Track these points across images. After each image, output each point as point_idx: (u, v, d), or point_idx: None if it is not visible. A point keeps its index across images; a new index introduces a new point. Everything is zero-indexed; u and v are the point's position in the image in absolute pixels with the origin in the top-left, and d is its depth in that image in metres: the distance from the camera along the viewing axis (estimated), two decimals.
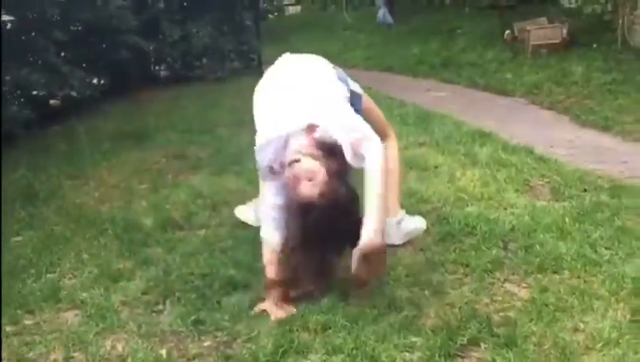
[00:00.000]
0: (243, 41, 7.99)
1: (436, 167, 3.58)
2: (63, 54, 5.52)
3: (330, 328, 2.00)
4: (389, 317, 2.05)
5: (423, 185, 3.25)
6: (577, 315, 2.03)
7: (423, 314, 2.06)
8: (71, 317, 2.23)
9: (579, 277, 2.28)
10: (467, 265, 2.40)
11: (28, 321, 2.21)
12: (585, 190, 3.24)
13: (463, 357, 1.88)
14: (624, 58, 6.70)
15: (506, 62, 7.80)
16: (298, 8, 16.92)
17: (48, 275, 2.55)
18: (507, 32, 8.72)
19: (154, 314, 2.20)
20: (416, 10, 12.56)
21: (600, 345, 1.86)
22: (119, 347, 2.02)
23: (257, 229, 2.36)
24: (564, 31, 7.93)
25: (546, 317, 2.03)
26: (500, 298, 2.18)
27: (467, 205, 3.00)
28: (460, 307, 2.09)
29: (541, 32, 8.07)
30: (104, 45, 6.26)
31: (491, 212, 2.87)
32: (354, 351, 1.87)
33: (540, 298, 2.13)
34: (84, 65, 5.89)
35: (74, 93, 5.65)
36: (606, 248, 2.47)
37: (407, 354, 1.87)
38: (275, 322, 2.07)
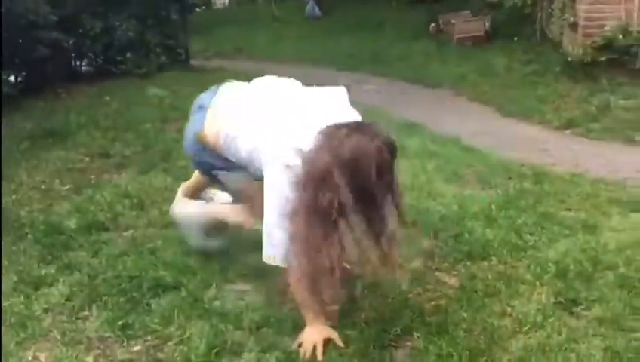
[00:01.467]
0: (169, 34, 7.79)
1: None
2: None
3: (263, 326, 1.97)
4: None
5: None
6: (505, 300, 2.09)
7: (356, 307, 2.07)
8: None
9: (505, 263, 2.35)
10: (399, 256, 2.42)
11: None
12: (510, 178, 3.36)
13: (396, 347, 1.89)
14: (543, 50, 7.00)
15: (433, 55, 8.00)
16: (226, 1, 16.68)
17: None
18: (432, 24, 8.92)
19: (79, 321, 2.10)
20: (344, 4, 12.64)
21: (526, 328, 1.93)
22: (42, 357, 1.91)
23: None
24: (487, 24, 8.21)
25: (475, 303, 2.08)
26: (432, 287, 2.22)
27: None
28: (393, 298, 2.11)
29: (465, 25, 8.32)
30: (20, 41, 5.94)
31: (422, 202, 2.92)
32: (289, 348, 1.85)
33: (469, 285, 2.18)
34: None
35: None
36: (530, 234, 2.57)
37: (342, 348, 1.87)
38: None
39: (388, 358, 1.82)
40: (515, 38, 7.79)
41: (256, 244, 2.45)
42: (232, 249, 2.52)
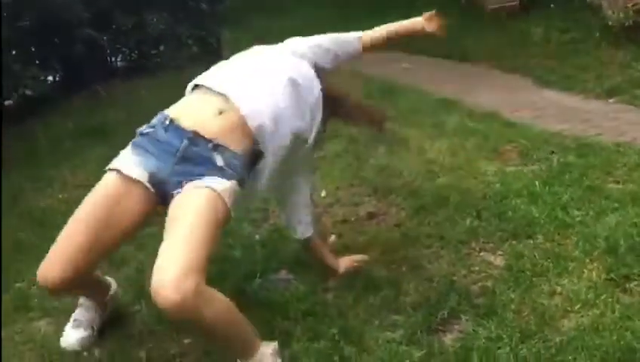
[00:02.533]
0: (201, 26, 7.82)
1: (404, 141, 3.56)
2: (13, 53, 5.33)
3: (310, 314, 1.98)
4: (369, 298, 2.04)
5: (393, 160, 3.23)
6: (554, 279, 2.05)
7: (402, 292, 2.06)
8: (44, 325, 2.17)
9: (552, 240, 2.30)
10: (442, 238, 2.40)
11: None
12: (552, 152, 3.26)
13: (444, 331, 1.88)
14: (581, 16, 6.75)
15: (466, 28, 7.79)
16: None
17: (17, 284, 2.47)
18: None
19: (130, 315, 2.15)
20: None
21: (578, 306, 1.88)
22: (96, 352, 1.97)
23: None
24: None
25: (523, 283, 2.04)
26: (477, 268, 2.19)
27: (438, 176, 3.00)
28: (439, 281, 2.09)
29: None
30: (56, 40, 6.06)
31: (462, 182, 2.87)
32: (337, 336, 1.85)
33: (515, 264, 2.14)
34: (37, 62, 5.70)
35: (29, 92, 5.47)
36: (577, 209, 2.49)
37: (390, 333, 1.87)
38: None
39: (436, 342, 1.80)
40: (552, 5, 7.53)
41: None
42: (274, 238, 2.54)
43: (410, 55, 7.35)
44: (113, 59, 7.44)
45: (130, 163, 1.79)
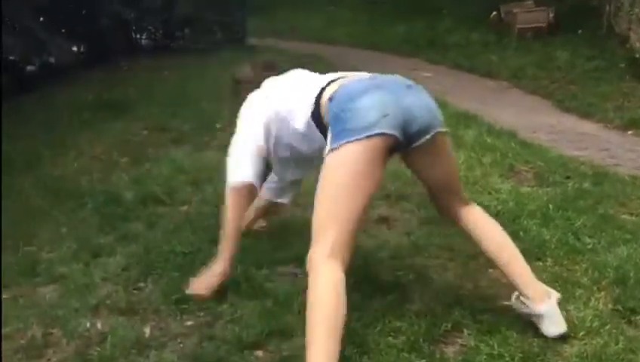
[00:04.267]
0: (227, 12, 7.84)
1: None
2: (41, 19, 5.36)
3: None
4: (374, 301, 2.05)
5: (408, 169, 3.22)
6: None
7: (407, 299, 2.06)
8: (49, 292, 2.19)
9: (562, 265, 2.30)
10: (452, 250, 2.39)
11: (4, 295, 2.16)
12: (568, 177, 3.26)
13: (446, 343, 1.88)
14: (609, 45, 6.74)
15: (491, 45, 7.81)
16: None
17: (26, 248, 2.49)
18: (493, 13, 8.70)
19: (135, 292, 2.16)
20: None
21: (582, 333, 1.88)
22: (99, 324, 1.98)
23: None
24: (551, 15, 7.95)
25: None
26: (484, 284, 2.18)
27: None
28: (445, 292, 2.09)
29: (528, 15, 8.07)
30: (84, 12, 6.09)
31: (476, 196, 2.86)
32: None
33: None
34: (62, 31, 5.73)
35: (52, 60, 5.49)
36: (589, 236, 2.49)
37: (392, 338, 1.87)
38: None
39: (438, 353, 1.80)
40: (580, 31, 7.52)
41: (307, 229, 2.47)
42: (284, 231, 2.55)
43: (433, 64, 7.36)
44: (138, 36, 7.47)
45: None
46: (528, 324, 1.92)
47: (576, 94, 5.54)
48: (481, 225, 1.97)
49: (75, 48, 6.17)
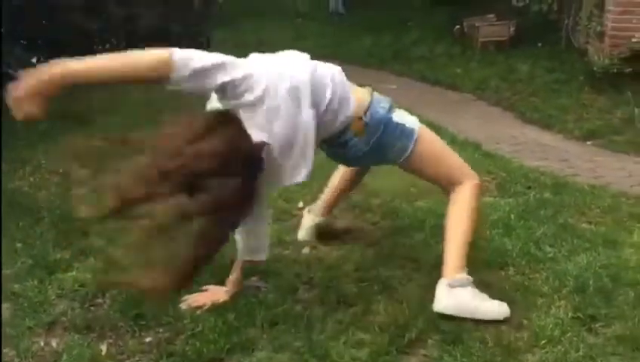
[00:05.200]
0: (192, 24, 7.78)
1: None
2: (1, 30, 5.22)
3: (277, 324, 1.96)
4: (338, 313, 2.03)
5: (373, 179, 3.23)
6: (521, 312, 2.06)
7: (371, 311, 2.05)
8: (2, 310, 2.10)
9: (523, 273, 2.32)
10: (416, 261, 2.40)
11: None
12: (529, 187, 3.31)
13: (409, 354, 1.87)
14: (567, 58, 6.90)
15: (455, 57, 7.92)
16: None
17: None
18: (457, 27, 8.84)
19: (92, 308, 2.10)
20: (368, 2, 12.56)
21: (543, 342, 1.89)
22: (53, 343, 1.91)
23: None
24: (512, 29, 8.11)
25: None
26: None
27: (416, 199, 3.01)
28: (408, 303, 2.08)
29: (490, 28, 8.23)
30: (44, 22, 5.96)
31: (440, 206, 2.86)
32: (302, 349, 1.83)
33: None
34: (22, 42, 5.60)
35: (11, 71, 5.35)
36: (549, 245, 2.53)
37: (355, 350, 1.85)
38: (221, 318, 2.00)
39: None
40: (540, 45, 7.70)
41: (270, 243, 2.44)
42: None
43: (398, 77, 7.43)
44: (101, 47, 7.35)
45: None
46: (490, 333, 1.93)
47: (537, 106, 5.64)
48: (450, 204, 2.20)
49: (34, 59, 6.02)
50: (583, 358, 1.81)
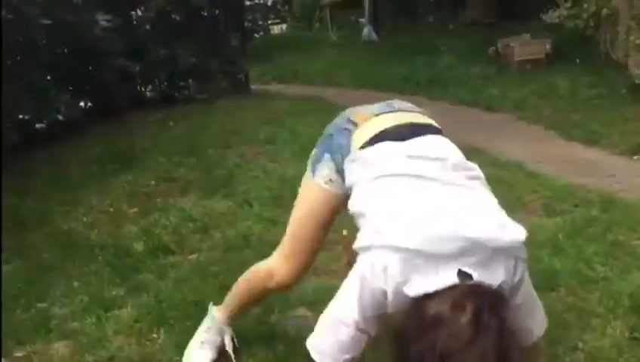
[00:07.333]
0: (230, 60, 7.99)
1: None
2: (49, 78, 5.48)
3: None
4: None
5: None
6: (576, 334, 2.02)
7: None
8: (62, 347, 2.18)
9: (575, 294, 2.28)
10: None
11: (18, 353, 2.16)
12: (576, 205, 3.26)
13: None
14: (607, 72, 6.79)
15: (492, 78, 7.88)
16: (284, 27, 17.01)
17: (38, 304, 2.49)
18: (491, 48, 8.81)
19: (148, 343, 2.16)
20: (400, 28, 12.67)
21: None
22: None
23: (249, 252, 2.34)
24: (548, 46, 8.04)
25: (546, 336, 2.01)
26: None
27: None
28: None
29: (525, 47, 8.17)
30: (90, 67, 6.23)
31: None
32: None
33: None
34: (70, 88, 5.85)
35: (60, 117, 5.59)
36: (601, 264, 2.48)
37: None
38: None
39: None
40: (578, 61, 7.60)
41: (317, 271, 2.47)
42: None
43: (433, 101, 7.42)
44: (144, 88, 7.60)
45: None
46: (546, 357, 1.90)
47: (579, 122, 5.55)
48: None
49: (82, 103, 6.28)
50: None
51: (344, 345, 1.41)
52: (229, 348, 2.00)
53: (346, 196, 1.64)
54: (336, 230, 3.02)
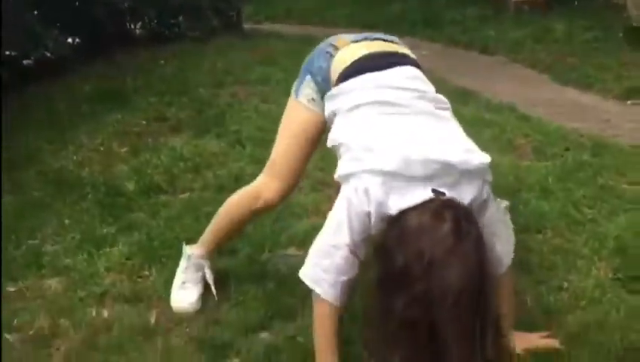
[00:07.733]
0: None
1: None
2: (35, 12, 5.32)
3: None
4: None
5: None
6: (561, 274, 2.06)
7: None
8: (55, 283, 2.21)
9: (562, 236, 2.31)
10: None
11: (11, 288, 2.18)
12: (567, 149, 3.26)
13: None
14: (605, 14, 6.68)
15: (488, 20, 7.74)
16: None
17: (30, 241, 2.51)
18: None
19: (139, 280, 2.19)
20: None
21: (583, 303, 1.90)
22: (105, 313, 2.01)
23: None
24: None
25: (531, 276, 2.05)
26: None
27: None
28: None
29: None
30: (77, 3, 6.05)
31: None
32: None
33: (524, 257, 2.15)
34: (58, 24, 5.70)
35: (48, 54, 5.47)
36: (588, 207, 2.50)
37: None
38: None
39: None
40: (576, 3, 7.46)
41: (308, 213, 2.48)
42: (285, 215, 2.56)
43: (430, 43, 7.31)
44: (133, 26, 7.42)
45: None
46: (530, 297, 1.94)
47: (574, 66, 5.50)
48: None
49: (70, 40, 6.13)
50: (624, 319, 1.81)
51: (340, 268, 1.52)
52: (209, 278, 2.02)
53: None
54: (329, 172, 3.04)
